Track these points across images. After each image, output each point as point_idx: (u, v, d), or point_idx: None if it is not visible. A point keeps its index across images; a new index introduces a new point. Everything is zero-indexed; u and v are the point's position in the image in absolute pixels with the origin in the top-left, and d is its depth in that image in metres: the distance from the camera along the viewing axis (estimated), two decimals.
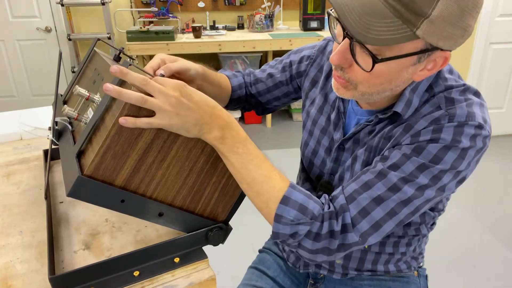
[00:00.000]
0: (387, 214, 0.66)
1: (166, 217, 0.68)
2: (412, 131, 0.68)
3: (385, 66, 0.62)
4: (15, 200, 0.87)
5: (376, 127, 0.76)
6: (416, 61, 0.63)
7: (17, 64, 3.46)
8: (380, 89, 0.67)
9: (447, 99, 0.69)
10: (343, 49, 0.63)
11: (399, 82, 0.66)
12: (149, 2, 3.35)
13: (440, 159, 0.64)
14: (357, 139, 0.79)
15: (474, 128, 0.65)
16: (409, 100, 0.70)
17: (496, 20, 3.14)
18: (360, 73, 0.64)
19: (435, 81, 0.71)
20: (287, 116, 3.88)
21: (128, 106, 0.57)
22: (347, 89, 0.69)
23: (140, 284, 0.66)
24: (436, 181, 0.65)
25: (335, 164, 0.84)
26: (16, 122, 1.23)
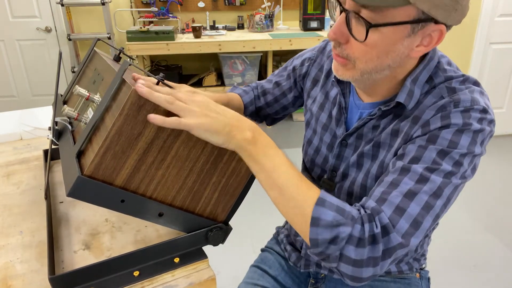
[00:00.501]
0: (423, 209, 0.62)
1: (166, 217, 0.68)
2: (421, 122, 0.68)
3: (379, 35, 0.61)
4: (15, 200, 0.87)
5: (381, 122, 0.75)
6: (410, 32, 0.62)
7: (17, 64, 3.46)
8: (378, 64, 0.65)
9: (448, 88, 0.69)
10: (340, 23, 0.64)
11: (396, 57, 0.65)
12: (149, 2, 3.35)
13: (456, 143, 0.64)
14: (360, 134, 0.78)
15: (480, 112, 0.65)
16: (410, 91, 0.70)
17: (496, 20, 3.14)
18: (356, 46, 0.64)
19: (435, 72, 0.71)
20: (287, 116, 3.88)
21: (128, 106, 0.57)
22: (347, 68, 0.68)
23: (140, 284, 0.66)
24: (458, 166, 0.64)
25: (337, 160, 0.83)
26: (16, 122, 1.23)
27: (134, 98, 0.57)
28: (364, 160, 0.78)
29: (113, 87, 0.60)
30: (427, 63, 0.71)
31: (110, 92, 0.60)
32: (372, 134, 0.77)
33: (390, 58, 0.65)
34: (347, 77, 0.70)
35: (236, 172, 0.72)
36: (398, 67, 0.68)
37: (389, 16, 0.59)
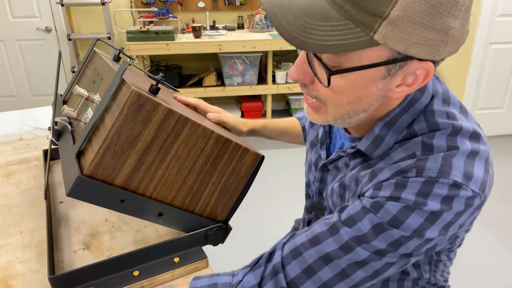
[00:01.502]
0: (337, 276, 0.56)
1: (165, 217, 0.68)
2: (375, 181, 0.57)
3: (345, 80, 0.52)
4: (15, 200, 0.87)
5: (351, 162, 0.66)
6: (386, 74, 0.51)
7: (17, 64, 3.46)
8: (350, 110, 0.56)
9: (424, 145, 0.55)
10: (301, 62, 0.55)
11: (371, 101, 0.55)
12: (149, 2, 3.35)
13: (400, 222, 0.52)
14: (337, 167, 0.71)
15: (448, 187, 0.51)
16: (378, 137, 0.59)
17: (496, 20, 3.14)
18: (323, 89, 0.55)
19: (419, 118, 0.58)
20: (287, 116, 3.87)
21: (128, 106, 0.57)
22: (319, 113, 0.59)
23: (140, 284, 0.66)
24: (396, 247, 0.53)
25: (321, 184, 0.77)
26: (16, 122, 1.23)
27: (134, 98, 0.57)
28: (346, 193, 0.68)
29: (113, 87, 0.60)
30: (408, 103, 0.58)
31: (110, 92, 0.60)
32: (344, 172, 0.68)
33: (364, 103, 0.55)
34: (320, 122, 0.60)
35: (236, 172, 0.72)
36: (379, 107, 0.58)
37: (355, 59, 0.49)
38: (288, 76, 3.43)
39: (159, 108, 0.59)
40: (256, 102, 3.64)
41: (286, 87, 3.43)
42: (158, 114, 0.60)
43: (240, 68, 3.36)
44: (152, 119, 0.60)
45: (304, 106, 0.62)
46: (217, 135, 0.66)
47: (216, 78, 3.39)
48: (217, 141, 0.67)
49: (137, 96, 0.57)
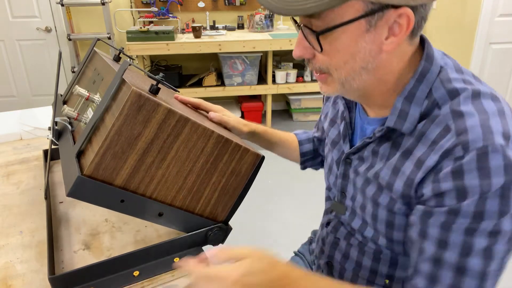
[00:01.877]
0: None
1: (166, 217, 0.68)
2: (424, 169, 0.58)
3: (333, 42, 0.57)
4: (15, 200, 0.87)
5: (380, 148, 0.67)
6: (368, 26, 0.55)
7: (17, 64, 3.46)
8: (349, 69, 0.59)
9: (454, 113, 0.57)
10: (299, 40, 0.61)
11: (364, 56, 0.58)
12: (149, 2, 3.35)
13: (482, 213, 0.53)
14: (361, 157, 0.71)
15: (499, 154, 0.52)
16: (402, 111, 0.62)
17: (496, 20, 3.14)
18: (321, 58, 0.60)
19: (436, 86, 0.61)
20: (287, 116, 3.88)
21: (128, 106, 0.57)
22: (327, 83, 0.64)
23: (140, 284, 0.66)
24: (495, 235, 0.54)
25: (344, 180, 0.77)
26: (16, 122, 1.23)
27: (134, 98, 0.57)
28: (368, 187, 0.70)
29: (113, 87, 0.60)
30: (420, 75, 0.61)
31: (110, 92, 0.60)
32: (372, 160, 0.69)
33: (359, 60, 0.58)
34: (331, 92, 0.64)
35: (236, 172, 0.72)
36: (378, 67, 0.60)
37: (336, 18, 0.55)
38: (287, 76, 3.44)
39: (159, 108, 0.59)
40: (256, 102, 3.64)
41: (286, 87, 3.43)
42: (158, 114, 0.60)
43: (240, 68, 3.36)
44: (152, 119, 0.60)
45: (318, 84, 0.66)
46: (218, 135, 0.67)
47: (216, 78, 3.39)
48: (217, 141, 0.67)
49: (137, 96, 0.57)
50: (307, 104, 3.65)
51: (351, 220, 0.77)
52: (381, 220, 0.69)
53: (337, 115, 0.82)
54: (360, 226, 0.75)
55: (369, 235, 0.73)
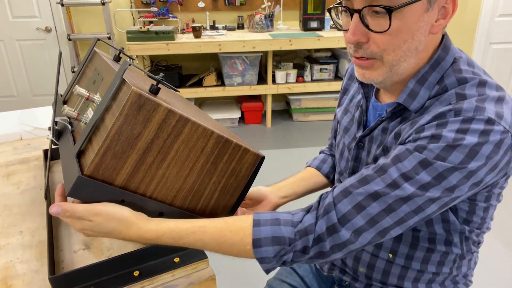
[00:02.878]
0: (384, 210, 0.62)
1: (166, 217, 0.68)
2: (417, 126, 0.64)
3: (401, 19, 0.61)
4: (15, 200, 0.87)
5: (390, 125, 0.73)
6: (428, 6, 0.61)
7: (17, 64, 3.46)
8: (406, 50, 0.64)
9: (458, 95, 0.63)
10: (356, 24, 0.63)
11: (420, 37, 0.63)
12: (149, 2, 3.35)
13: (444, 158, 0.59)
14: (372, 137, 0.77)
15: (484, 123, 0.58)
16: (413, 91, 0.68)
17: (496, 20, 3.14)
18: (380, 39, 0.63)
19: (448, 73, 0.67)
20: (287, 116, 3.88)
21: (128, 106, 0.57)
22: (374, 69, 0.67)
23: (140, 284, 0.66)
24: (440, 179, 0.59)
25: (356, 162, 0.82)
26: (16, 122, 1.23)
27: (134, 98, 0.57)
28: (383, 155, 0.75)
29: (113, 87, 0.60)
30: (434, 62, 0.67)
31: (110, 92, 0.60)
32: (382, 137, 0.75)
33: (416, 40, 0.63)
34: (376, 78, 0.68)
35: (236, 172, 0.72)
36: (423, 50, 0.66)
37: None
38: (287, 76, 3.44)
39: (160, 108, 0.59)
40: (256, 102, 3.64)
41: (286, 87, 3.43)
42: (159, 114, 0.60)
43: (240, 68, 3.36)
44: (152, 119, 0.60)
45: (357, 73, 0.70)
46: (218, 135, 0.67)
47: (216, 78, 3.39)
48: (217, 141, 0.67)
49: (137, 96, 0.57)
50: (307, 104, 3.65)
51: None
52: None
53: (351, 104, 0.87)
54: None
55: None
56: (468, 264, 0.82)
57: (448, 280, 0.81)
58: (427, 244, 0.75)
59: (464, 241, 0.75)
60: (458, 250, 0.75)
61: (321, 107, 3.64)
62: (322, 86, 3.47)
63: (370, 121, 0.81)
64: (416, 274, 0.79)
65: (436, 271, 0.78)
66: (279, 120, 3.77)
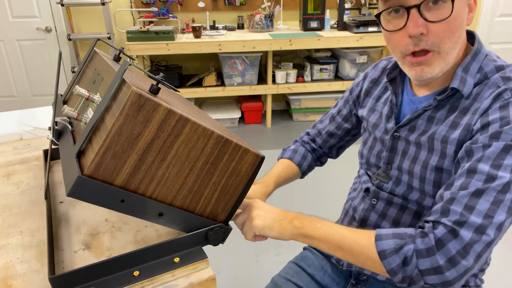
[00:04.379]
0: (492, 204, 0.63)
1: (166, 217, 0.68)
2: (479, 112, 0.70)
3: (455, 7, 0.68)
4: (15, 200, 0.87)
5: (436, 114, 0.77)
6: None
7: (17, 64, 3.46)
8: (458, 37, 0.71)
9: (503, 78, 0.71)
10: (415, 19, 0.69)
11: (463, 25, 0.72)
12: (149, 2, 3.35)
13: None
14: (413, 126, 0.80)
15: None
16: (463, 78, 0.73)
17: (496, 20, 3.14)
18: (438, 29, 0.69)
19: (485, 63, 0.75)
20: (287, 116, 3.88)
21: (128, 106, 0.57)
22: (431, 63, 0.72)
23: (140, 284, 0.66)
24: None
25: (391, 153, 0.85)
26: (16, 122, 1.23)
27: (134, 98, 0.57)
28: (420, 152, 0.79)
29: (113, 87, 0.60)
30: (474, 53, 0.75)
31: (110, 92, 0.60)
32: (426, 126, 0.78)
33: (461, 28, 0.71)
34: (436, 70, 0.73)
35: (236, 172, 0.72)
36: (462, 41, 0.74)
37: None
38: (287, 76, 3.44)
39: (159, 108, 0.59)
40: (256, 102, 3.64)
41: (286, 87, 3.43)
42: (159, 114, 0.60)
43: (240, 68, 3.36)
44: (152, 119, 0.60)
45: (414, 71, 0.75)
46: (218, 135, 0.67)
47: (216, 78, 3.39)
48: (217, 141, 0.67)
49: (137, 96, 0.57)
50: (307, 104, 3.65)
51: (395, 187, 0.85)
52: (428, 181, 0.77)
53: (378, 103, 0.92)
54: (404, 191, 0.83)
55: (414, 198, 0.82)
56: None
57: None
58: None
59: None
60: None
61: (321, 107, 3.64)
62: (322, 86, 3.47)
63: (404, 114, 0.85)
64: None
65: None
66: (279, 120, 3.77)
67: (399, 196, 0.84)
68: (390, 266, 0.66)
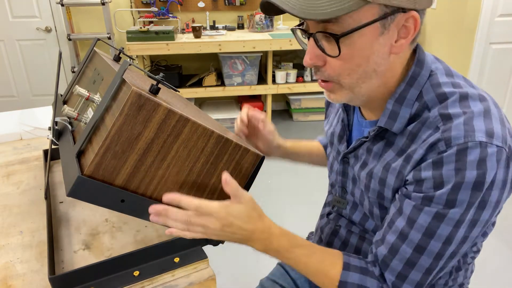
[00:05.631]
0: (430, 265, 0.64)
1: None
2: (412, 163, 0.63)
3: (351, 44, 0.59)
4: (15, 200, 0.87)
5: (374, 147, 0.71)
6: (382, 29, 0.59)
7: (17, 64, 3.46)
8: (362, 73, 0.62)
9: (443, 116, 0.61)
10: (311, 47, 0.62)
11: (377, 59, 0.61)
12: (149, 2, 3.35)
13: (453, 202, 0.58)
14: (357, 155, 0.75)
15: (479, 148, 0.57)
16: (393, 112, 0.66)
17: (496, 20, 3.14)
18: (334, 64, 0.62)
19: (426, 89, 0.65)
20: (287, 116, 3.88)
21: (128, 106, 0.57)
22: (335, 92, 0.66)
23: (140, 284, 0.66)
24: (459, 224, 0.60)
25: (343, 177, 0.81)
26: (16, 122, 1.23)
27: (134, 98, 0.57)
28: (364, 184, 0.74)
29: (113, 87, 0.60)
30: (410, 79, 0.65)
31: (110, 92, 0.60)
32: (365, 157, 0.73)
33: (372, 62, 0.61)
34: (340, 99, 0.67)
35: (236, 172, 0.72)
36: (387, 70, 0.64)
37: (353, 22, 0.57)
38: (287, 76, 3.44)
39: (159, 108, 0.59)
40: (256, 102, 3.64)
41: (286, 87, 3.43)
42: (159, 114, 0.60)
43: (240, 68, 3.36)
44: (152, 119, 0.60)
45: (324, 93, 0.69)
46: (218, 135, 0.67)
47: (216, 78, 3.39)
48: (217, 141, 0.67)
49: (137, 96, 0.57)
50: (307, 104, 3.65)
51: (352, 214, 0.81)
52: (376, 216, 0.73)
53: (336, 118, 0.86)
54: (360, 219, 0.79)
55: (370, 227, 0.77)
56: (465, 274, 0.81)
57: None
58: None
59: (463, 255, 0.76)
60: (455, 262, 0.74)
61: (321, 107, 3.64)
62: None
63: (354, 136, 0.79)
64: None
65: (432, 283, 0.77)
66: (279, 120, 3.77)
67: (356, 224, 0.80)
68: None
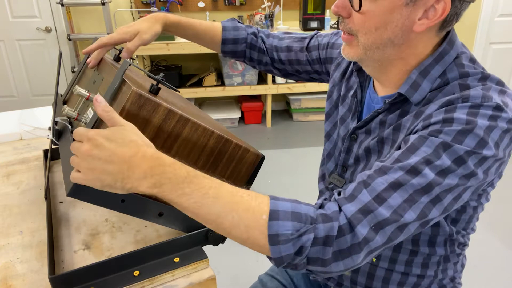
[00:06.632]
0: (405, 201, 0.56)
1: (166, 217, 0.68)
2: (423, 115, 0.62)
3: (374, 4, 0.61)
4: (15, 200, 0.87)
5: (388, 118, 0.71)
6: (408, 0, 0.59)
7: (17, 64, 3.46)
8: (377, 37, 0.63)
9: (461, 85, 0.63)
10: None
11: (396, 29, 0.62)
12: (149, 2, 3.35)
13: (461, 141, 0.57)
14: (369, 130, 0.75)
15: (492, 109, 0.58)
16: (415, 82, 0.66)
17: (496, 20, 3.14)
18: (356, 18, 0.64)
19: (450, 67, 0.66)
20: (287, 116, 3.88)
21: (128, 106, 0.57)
22: (351, 46, 0.67)
23: (140, 284, 0.66)
24: (459, 163, 0.56)
25: (347, 154, 0.80)
26: (16, 122, 1.23)
27: (134, 98, 0.57)
28: (371, 156, 0.74)
29: (113, 87, 0.60)
30: (439, 55, 0.66)
31: (110, 92, 0.60)
32: (379, 130, 0.73)
33: (390, 31, 0.62)
34: (352, 56, 0.68)
35: (236, 172, 0.72)
36: (404, 45, 0.65)
37: None
38: None
39: (160, 108, 0.59)
40: (256, 102, 3.64)
41: (286, 87, 3.43)
42: (159, 114, 0.60)
43: (240, 68, 3.36)
44: (152, 119, 0.60)
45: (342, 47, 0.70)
46: (218, 135, 0.67)
47: (216, 78, 3.39)
48: (217, 141, 0.67)
49: (137, 96, 0.57)
50: (307, 104, 3.65)
51: None
52: None
53: (348, 93, 0.84)
54: None
55: None
56: (454, 267, 0.80)
57: (435, 284, 0.79)
58: (411, 246, 0.74)
59: (449, 242, 0.74)
60: (442, 251, 0.74)
61: (321, 107, 3.64)
62: (322, 86, 3.47)
63: (367, 113, 0.78)
64: (401, 277, 0.77)
65: (420, 273, 0.77)
66: (279, 120, 3.77)
67: None
68: (280, 254, 0.55)
